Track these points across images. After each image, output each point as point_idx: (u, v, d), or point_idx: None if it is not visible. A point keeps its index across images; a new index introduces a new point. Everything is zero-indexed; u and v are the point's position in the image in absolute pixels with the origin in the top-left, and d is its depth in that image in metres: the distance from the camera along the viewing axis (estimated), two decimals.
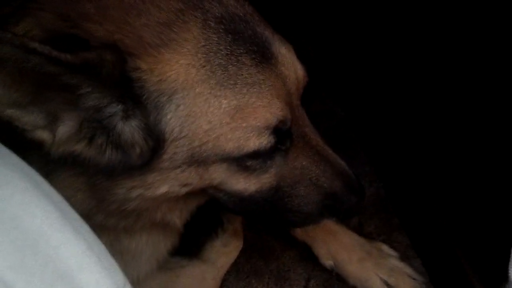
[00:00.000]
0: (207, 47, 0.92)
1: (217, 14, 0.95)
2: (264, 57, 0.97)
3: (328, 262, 1.60)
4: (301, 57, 1.07)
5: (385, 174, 1.86)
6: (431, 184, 1.66)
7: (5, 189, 0.67)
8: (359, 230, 1.71)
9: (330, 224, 1.60)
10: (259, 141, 0.96)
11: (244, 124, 0.94)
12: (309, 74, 1.09)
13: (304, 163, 1.09)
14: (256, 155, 0.99)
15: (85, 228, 0.75)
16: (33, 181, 0.72)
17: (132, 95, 0.89)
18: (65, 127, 0.87)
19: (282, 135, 1.01)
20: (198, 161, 0.97)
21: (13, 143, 0.79)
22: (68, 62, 0.78)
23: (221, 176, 1.02)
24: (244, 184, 1.05)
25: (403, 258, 1.64)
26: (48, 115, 0.86)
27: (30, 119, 0.85)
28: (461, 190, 1.57)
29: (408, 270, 1.59)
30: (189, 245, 1.51)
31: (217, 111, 0.92)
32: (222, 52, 0.92)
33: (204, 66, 0.91)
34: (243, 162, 1.00)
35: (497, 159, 1.47)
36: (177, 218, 1.16)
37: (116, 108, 0.89)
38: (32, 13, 0.93)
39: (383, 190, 1.85)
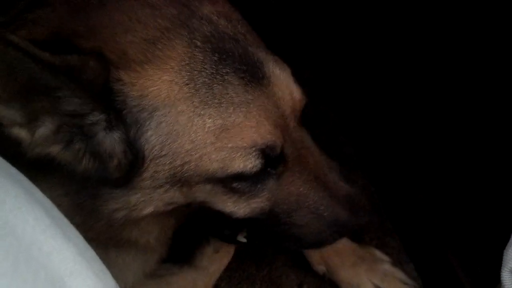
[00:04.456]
0: (191, 65, 0.90)
1: (206, 33, 0.94)
2: (254, 77, 0.95)
3: (320, 267, 1.60)
4: (297, 75, 1.05)
5: (378, 178, 1.86)
6: (423, 188, 1.67)
7: None
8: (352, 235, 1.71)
9: None
10: (244, 163, 0.93)
11: (230, 145, 0.92)
12: (307, 95, 1.06)
13: (301, 189, 1.04)
14: (242, 177, 0.96)
15: (75, 234, 0.74)
16: (24, 187, 0.71)
17: (114, 107, 0.88)
18: (43, 129, 0.86)
19: (273, 160, 0.98)
20: (181, 181, 0.95)
21: (4, 153, 0.78)
22: (48, 61, 0.77)
23: (206, 196, 1.00)
24: (232, 207, 1.02)
25: (396, 263, 1.64)
26: (28, 114, 0.84)
27: (8, 114, 0.83)
28: (454, 194, 1.58)
29: (401, 275, 1.60)
30: (180, 252, 1.50)
31: (201, 130, 0.91)
32: (207, 71, 0.91)
33: (187, 84, 0.90)
34: (228, 183, 0.98)
35: (489, 163, 1.48)
36: (155, 239, 1.16)
37: (98, 117, 0.88)
38: (27, 25, 0.92)
39: (375, 194, 1.85)
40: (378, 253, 1.64)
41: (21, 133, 0.86)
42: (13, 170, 0.74)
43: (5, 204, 0.66)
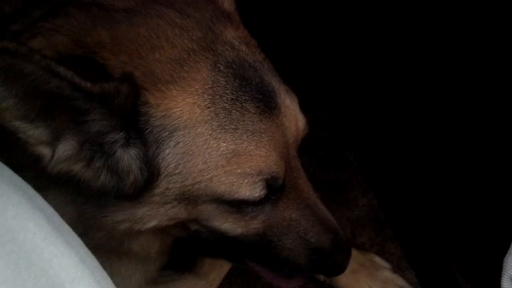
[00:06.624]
0: (214, 89, 0.92)
1: (228, 58, 0.96)
2: (267, 107, 0.97)
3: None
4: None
5: (378, 184, 1.87)
6: (424, 194, 1.67)
7: None
8: (352, 241, 1.71)
9: None
10: (250, 190, 0.96)
11: (238, 170, 0.94)
12: (310, 125, 1.10)
13: (293, 216, 1.08)
14: (245, 202, 0.99)
15: (77, 241, 0.74)
16: (26, 195, 0.71)
17: (136, 127, 0.89)
18: (66, 146, 0.87)
19: (274, 189, 1.01)
20: (188, 199, 0.97)
21: (8, 161, 0.78)
22: (87, 89, 0.79)
23: (209, 214, 1.02)
24: (231, 225, 1.05)
25: (396, 269, 1.64)
26: (53, 132, 0.86)
27: (35, 133, 0.84)
28: (454, 200, 1.58)
29: (401, 281, 1.60)
30: (181, 258, 1.50)
31: (215, 153, 0.93)
32: (228, 96, 0.93)
33: (208, 108, 0.92)
34: (232, 205, 1.00)
35: (489, 169, 1.48)
36: (155, 251, 1.18)
37: (118, 135, 0.89)
38: (45, 33, 0.92)
39: (376, 200, 1.85)
40: (379, 260, 1.65)
41: (44, 150, 0.87)
42: (16, 177, 0.75)
43: (7, 211, 0.67)
